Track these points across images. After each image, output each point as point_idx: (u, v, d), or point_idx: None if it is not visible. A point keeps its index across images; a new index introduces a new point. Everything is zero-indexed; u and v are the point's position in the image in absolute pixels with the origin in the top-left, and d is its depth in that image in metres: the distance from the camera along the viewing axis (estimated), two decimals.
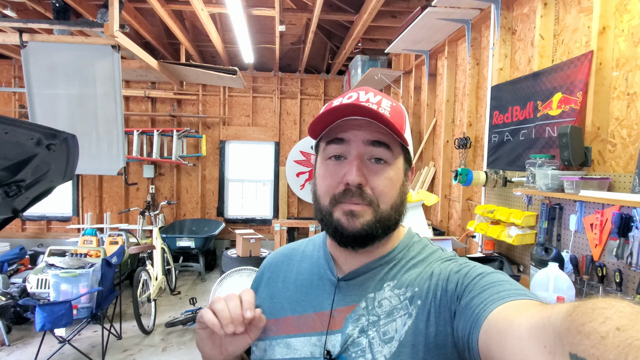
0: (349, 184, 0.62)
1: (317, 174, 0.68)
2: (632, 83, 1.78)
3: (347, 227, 0.63)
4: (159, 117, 6.40)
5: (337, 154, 0.65)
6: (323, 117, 0.63)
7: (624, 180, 1.74)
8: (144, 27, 4.67)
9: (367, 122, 0.63)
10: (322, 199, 0.66)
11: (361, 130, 0.63)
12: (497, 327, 0.46)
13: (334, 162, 0.65)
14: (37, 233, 6.33)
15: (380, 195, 0.63)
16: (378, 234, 0.64)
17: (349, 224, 0.62)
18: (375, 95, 0.66)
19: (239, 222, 6.68)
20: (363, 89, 0.68)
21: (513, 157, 2.50)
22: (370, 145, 0.63)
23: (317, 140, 0.70)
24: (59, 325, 2.78)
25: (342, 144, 0.64)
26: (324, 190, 0.65)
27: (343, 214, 0.63)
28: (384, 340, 0.60)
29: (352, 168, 0.62)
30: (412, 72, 4.66)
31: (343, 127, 0.64)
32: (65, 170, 1.13)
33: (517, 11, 2.71)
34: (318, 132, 0.67)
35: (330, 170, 0.65)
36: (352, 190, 0.62)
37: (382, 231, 0.64)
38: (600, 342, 0.31)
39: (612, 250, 1.70)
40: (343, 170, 0.63)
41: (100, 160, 3.64)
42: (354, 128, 0.63)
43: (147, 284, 3.94)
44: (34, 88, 3.47)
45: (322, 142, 0.68)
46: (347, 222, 0.63)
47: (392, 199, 0.64)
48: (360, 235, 0.63)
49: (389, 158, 0.64)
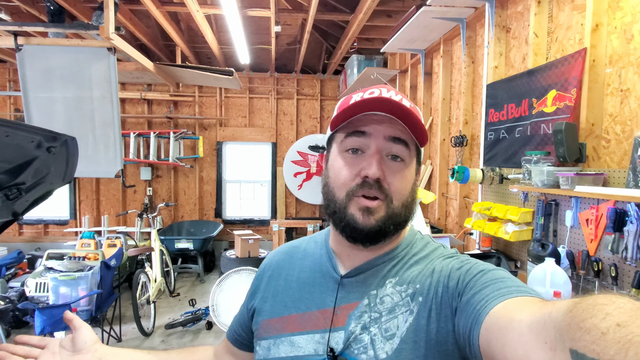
0: (367, 177, 0.61)
1: (331, 166, 0.67)
2: (625, 79, 1.80)
3: (361, 223, 0.62)
4: (155, 119, 6.39)
5: (356, 146, 0.64)
6: (348, 110, 0.63)
7: (619, 176, 1.77)
8: (139, 29, 4.66)
9: (389, 118, 0.63)
10: (337, 192, 0.65)
11: (382, 125, 0.63)
12: (497, 324, 0.46)
13: (352, 155, 0.64)
14: (34, 237, 6.30)
15: (395, 192, 0.63)
16: (390, 230, 0.64)
17: (363, 220, 0.62)
18: (397, 94, 0.66)
19: (237, 223, 6.67)
20: (384, 86, 0.68)
21: (509, 154, 2.52)
22: (390, 141, 0.63)
23: (334, 132, 0.68)
24: (58, 328, 2.77)
25: (362, 136, 0.63)
26: (340, 182, 0.64)
27: (359, 209, 0.62)
28: (386, 336, 0.60)
29: (372, 161, 0.61)
30: (408, 71, 4.68)
31: (363, 121, 0.64)
32: (65, 172, 1.13)
33: (511, 9, 2.73)
34: (338, 124, 0.66)
35: (347, 163, 0.64)
36: (370, 183, 0.61)
37: (394, 228, 0.64)
38: (601, 338, 0.31)
39: (607, 245, 1.72)
40: (361, 163, 0.63)
41: (98, 163, 3.63)
42: (375, 122, 0.63)
43: (146, 286, 3.94)
44: (29, 91, 3.46)
45: (339, 133, 0.66)
46: (362, 218, 0.62)
47: (404, 196, 0.65)
48: (373, 231, 0.63)
49: (406, 156, 0.64)
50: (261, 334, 0.72)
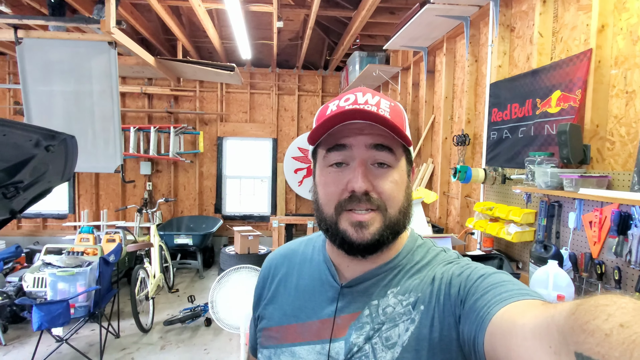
0: (354, 191, 0.59)
1: (318, 182, 0.65)
2: (630, 81, 1.78)
3: (355, 239, 0.60)
4: (155, 114, 6.36)
5: (339, 161, 0.62)
6: (324, 124, 0.60)
7: (623, 178, 1.75)
8: (141, 23, 4.63)
9: (368, 124, 0.60)
10: (326, 208, 0.63)
11: (362, 134, 0.60)
12: (501, 329, 0.46)
13: (336, 170, 0.62)
14: (33, 231, 6.29)
15: (387, 199, 0.61)
16: (388, 240, 0.63)
17: (357, 235, 0.60)
18: (374, 96, 0.64)
19: (237, 219, 6.67)
20: (360, 90, 0.66)
21: (512, 154, 2.50)
22: (373, 149, 0.61)
23: (315, 147, 0.66)
24: (56, 324, 2.76)
25: (343, 150, 0.61)
26: (327, 198, 0.63)
27: (350, 225, 0.60)
28: (387, 345, 0.59)
29: (357, 175, 0.59)
30: (410, 69, 4.65)
31: (343, 131, 0.61)
32: (63, 170, 1.12)
33: (515, 8, 2.70)
34: (316, 138, 0.63)
35: (333, 178, 0.62)
36: (358, 197, 0.59)
37: (392, 236, 0.63)
38: (605, 340, 0.31)
39: (611, 247, 1.70)
40: (347, 177, 0.61)
41: (97, 158, 3.61)
42: (355, 132, 0.61)
43: (145, 281, 3.93)
44: (29, 85, 3.43)
45: (320, 148, 0.64)
46: (355, 233, 0.60)
47: (399, 202, 0.63)
48: (371, 245, 0.61)
49: (392, 162, 0.62)
50: (263, 342, 0.72)
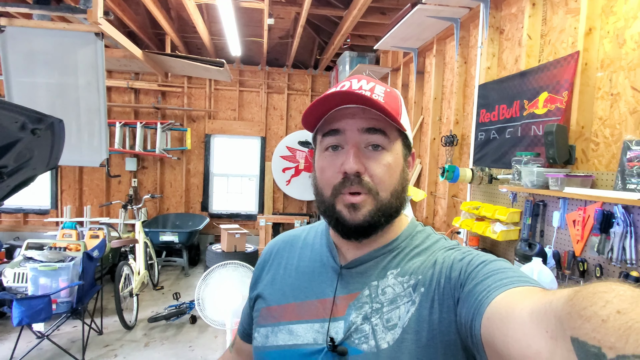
0: (346, 172, 0.62)
1: (317, 166, 0.68)
2: (615, 83, 1.83)
3: (348, 219, 0.63)
4: (142, 109, 6.26)
5: (334, 144, 0.64)
6: (316, 106, 0.63)
7: (606, 178, 1.79)
8: (128, 15, 4.55)
9: (361, 109, 0.62)
10: (324, 191, 0.66)
11: (355, 118, 0.63)
12: (499, 314, 0.47)
13: (331, 153, 0.65)
14: (13, 226, 6.12)
15: (379, 182, 0.63)
16: (380, 223, 0.64)
17: (350, 216, 0.63)
18: (369, 82, 0.66)
19: (223, 217, 6.60)
20: (356, 77, 0.68)
21: (499, 154, 2.54)
22: (365, 132, 0.63)
23: (314, 133, 0.69)
24: (37, 320, 2.69)
25: (337, 134, 0.64)
26: (324, 182, 0.65)
27: (344, 206, 0.63)
28: (387, 327, 0.60)
29: (349, 157, 0.62)
30: (400, 70, 4.68)
31: (336, 117, 0.64)
32: (49, 157, 1.09)
33: (505, 11, 2.74)
34: (313, 124, 0.67)
35: (328, 161, 0.65)
36: (350, 178, 0.62)
37: (385, 219, 0.64)
38: (601, 326, 0.31)
39: (593, 246, 1.75)
40: (340, 159, 0.63)
41: (82, 152, 3.53)
42: (348, 117, 0.63)
43: (129, 278, 3.87)
44: (11, 75, 3.34)
45: (318, 134, 0.68)
46: (348, 214, 0.63)
47: (391, 185, 0.64)
48: (362, 226, 0.63)
49: (385, 144, 0.64)
50: (260, 321, 0.73)
